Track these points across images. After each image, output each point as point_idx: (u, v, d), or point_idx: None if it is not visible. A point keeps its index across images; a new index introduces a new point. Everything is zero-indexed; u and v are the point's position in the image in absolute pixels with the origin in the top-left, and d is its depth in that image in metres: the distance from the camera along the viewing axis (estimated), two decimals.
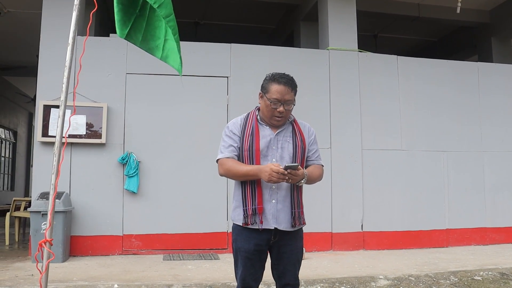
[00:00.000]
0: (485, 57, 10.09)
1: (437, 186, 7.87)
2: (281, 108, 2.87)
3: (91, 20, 2.86)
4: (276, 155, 2.91)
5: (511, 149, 8.33)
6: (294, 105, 2.95)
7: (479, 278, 5.48)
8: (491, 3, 9.75)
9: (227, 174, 2.92)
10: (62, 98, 2.48)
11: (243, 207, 2.88)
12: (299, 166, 2.76)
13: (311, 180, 2.94)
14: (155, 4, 2.96)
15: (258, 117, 3.01)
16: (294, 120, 3.06)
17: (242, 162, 2.91)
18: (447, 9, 9.52)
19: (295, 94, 2.95)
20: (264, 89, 2.95)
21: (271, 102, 2.88)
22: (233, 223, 2.99)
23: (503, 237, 8.09)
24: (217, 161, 2.98)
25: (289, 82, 2.90)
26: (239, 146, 2.93)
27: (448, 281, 5.37)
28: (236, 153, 2.93)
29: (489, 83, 8.40)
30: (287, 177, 2.71)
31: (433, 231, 7.76)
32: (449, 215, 7.86)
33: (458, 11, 8.63)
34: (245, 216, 2.87)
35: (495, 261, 6.43)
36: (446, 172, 7.94)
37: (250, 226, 2.86)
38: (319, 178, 3.05)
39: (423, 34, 11.61)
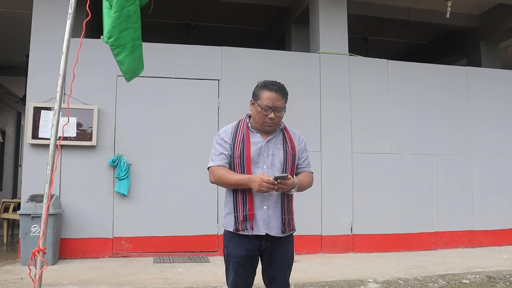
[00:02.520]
0: (474, 62, 10.19)
1: (426, 189, 7.94)
2: (272, 115, 2.91)
3: (84, 29, 2.85)
4: (267, 162, 2.94)
5: (499, 152, 8.42)
6: (285, 111, 3.00)
7: (467, 281, 5.54)
8: (480, 8, 9.84)
9: (218, 182, 2.96)
10: (56, 106, 2.48)
11: (234, 213, 2.91)
12: (289, 176, 2.81)
13: (301, 188, 2.99)
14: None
15: (249, 124, 3.04)
16: (285, 128, 3.10)
17: (233, 169, 2.94)
18: (437, 13, 9.60)
19: (286, 101, 3.00)
20: (255, 96, 2.99)
21: (262, 109, 2.92)
22: (224, 229, 3.02)
23: (491, 239, 8.18)
24: (208, 168, 3.01)
25: (280, 89, 2.95)
26: (230, 153, 2.96)
27: (436, 285, 5.42)
28: (227, 161, 2.96)
29: (478, 87, 8.48)
30: (276, 187, 2.76)
31: (422, 233, 7.82)
32: (437, 218, 7.93)
33: (448, 15, 8.72)
34: (236, 222, 2.90)
35: (482, 264, 6.50)
36: (435, 175, 8.00)
37: (241, 232, 2.88)
38: (309, 185, 3.09)
39: (413, 38, 11.69)
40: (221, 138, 3.01)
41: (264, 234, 2.89)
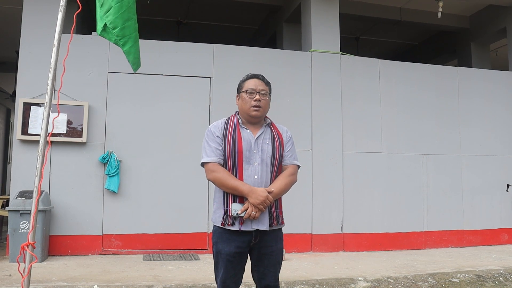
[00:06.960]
0: (465, 62, 10.24)
1: (416, 189, 7.97)
2: (257, 96, 2.97)
3: (74, 22, 2.82)
4: (258, 158, 2.95)
5: (489, 153, 8.47)
6: (270, 96, 3.09)
7: (456, 280, 5.57)
8: (471, 9, 9.90)
9: (215, 182, 2.94)
10: (47, 100, 2.46)
11: (224, 207, 2.91)
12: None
13: (282, 193, 3.00)
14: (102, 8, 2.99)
15: (240, 120, 3.05)
16: (272, 123, 3.12)
17: (225, 165, 2.93)
18: (428, 13, 9.65)
19: (269, 89, 3.09)
20: (240, 88, 3.10)
21: (247, 92, 2.99)
22: (214, 225, 3.00)
23: (480, 239, 8.23)
24: (202, 164, 2.99)
25: (261, 77, 3.09)
26: (222, 148, 2.95)
27: (426, 283, 5.44)
28: (222, 157, 2.95)
29: (468, 87, 8.53)
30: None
31: (411, 233, 7.85)
32: (427, 217, 7.97)
33: (439, 16, 8.77)
34: (225, 216, 2.90)
35: (472, 263, 6.54)
36: (426, 174, 8.04)
37: (229, 228, 2.88)
38: (290, 184, 3.05)
39: (404, 38, 11.74)
40: (212, 132, 3.00)
41: (254, 230, 2.88)
